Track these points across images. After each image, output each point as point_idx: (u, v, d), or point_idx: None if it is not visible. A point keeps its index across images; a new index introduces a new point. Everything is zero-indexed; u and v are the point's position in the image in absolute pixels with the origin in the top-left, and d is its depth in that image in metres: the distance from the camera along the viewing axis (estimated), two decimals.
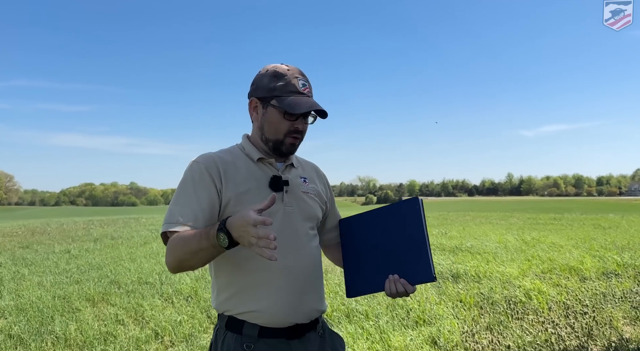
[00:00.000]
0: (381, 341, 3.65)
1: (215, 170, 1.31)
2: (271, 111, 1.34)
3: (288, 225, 1.33)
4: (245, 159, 1.38)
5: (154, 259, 7.97)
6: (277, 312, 1.30)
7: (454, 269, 6.25)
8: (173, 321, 4.22)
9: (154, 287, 5.69)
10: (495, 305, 4.59)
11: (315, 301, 1.38)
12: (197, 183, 1.29)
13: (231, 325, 1.32)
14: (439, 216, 20.91)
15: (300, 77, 1.35)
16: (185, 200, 1.28)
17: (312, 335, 1.38)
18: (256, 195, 1.31)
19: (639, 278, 5.67)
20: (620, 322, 3.98)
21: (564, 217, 18.20)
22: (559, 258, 7.16)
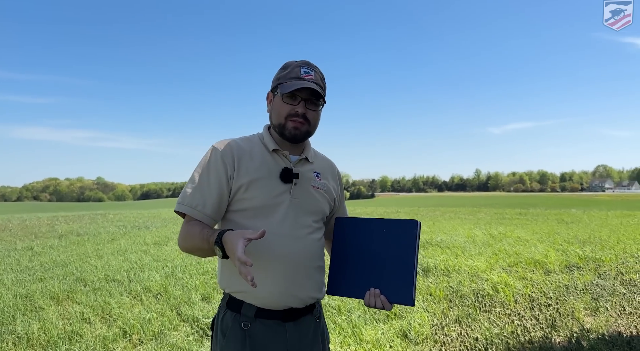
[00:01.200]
0: (353, 335, 3.67)
1: (230, 157, 1.39)
2: (276, 99, 1.44)
3: (291, 216, 1.40)
4: (262, 148, 1.45)
5: (122, 256, 7.78)
6: (272, 295, 1.36)
7: (424, 263, 6.36)
8: (142, 319, 4.13)
9: (122, 284, 5.55)
10: (464, 298, 4.70)
11: (311, 289, 1.43)
12: (211, 169, 1.38)
13: (231, 303, 1.40)
14: (410, 211, 21.22)
15: (305, 66, 1.43)
16: (198, 184, 1.39)
17: (308, 318, 1.45)
18: (267, 184, 1.39)
19: (599, 270, 5.91)
20: (581, 313, 4.14)
21: (529, 212, 18.81)
22: (525, 251, 7.39)
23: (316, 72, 1.45)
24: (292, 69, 1.42)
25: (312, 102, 1.41)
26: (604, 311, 4.21)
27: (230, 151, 1.40)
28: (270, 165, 1.42)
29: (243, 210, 1.39)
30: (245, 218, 1.38)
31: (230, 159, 1.39)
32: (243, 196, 1.38)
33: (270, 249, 1.35)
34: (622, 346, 3.29)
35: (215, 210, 1.38)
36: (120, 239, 10.53)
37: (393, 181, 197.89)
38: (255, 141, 1.48)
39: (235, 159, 1.39)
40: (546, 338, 3.54)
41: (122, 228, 13.16)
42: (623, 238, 8.90)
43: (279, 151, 1.44)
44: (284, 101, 1.40)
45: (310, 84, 1.37)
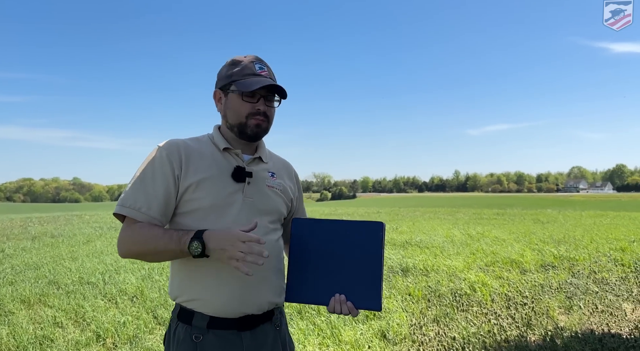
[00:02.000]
0: (332, 336, 3.66)
1: (177, 156, 1.30)
2: (231, 97, 1.36)
3: (244, 217, 1.32)
4: (212, 147, 1.38)
5: (97, 258, 7.60)
6: (226, 301, 1.28)
7: (403, 263, 6.40)
8: (116, 322, 4.04)
9: (97, 287, 5.42)
10: (442, 297, 4.74)
11: (268, 294, 1.36)
12: (156, 169, 1.29)
13: (182, 315, 1.32)
14: (390, 211, 21.38)
15: (257, 61, 1.38)
16: (142, 185, 1.28)
17: (267, 326, 1.37)
18: (217, 182, 1.31)
19: (573, 269, 6.05)
20: (556, 312, 4.22)
21: (507, 212, 19.15)
22: (502, 251, 7.51)
23: (268, 67, 1.41)
24: (245, 66, 1.35)
25: (270, 98, 1.38)
26: (578, 309, 4.30)
27: (177, 149, 1.31)
28: (221, 164, 1.35)
29: (192, 211, 1.29)
30: (194, 219, 1.29)
31: (177, 158, 1.30)
32: (192, 197, 1.29)
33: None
34: (594, 343, 3.36)
35: (162, 212, 1.28)
36: (96, 241, 10.30)
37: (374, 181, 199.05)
38: (204, 140, 1.41)
39: (183, 157, 1.31)
40: (522, 337, 3.60)
41: (99, 230, 12.89)
42: (596, 238, 9.13)
43: (230, 150, 1.38)
44: (243, 99, 1.33)
45: (270, 81, 1.34)
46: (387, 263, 6.59)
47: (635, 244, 7.98)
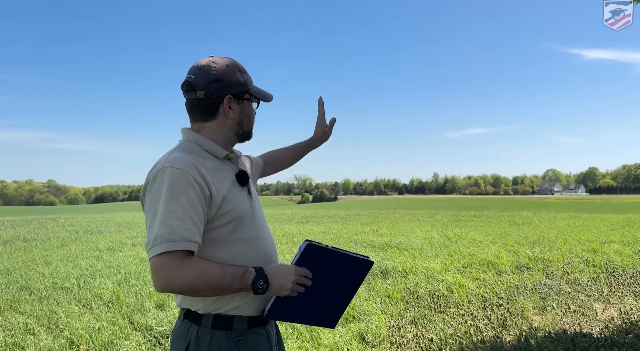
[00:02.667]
0: (311, 339, 3.67)
1: (198, 174, 1.25)
2: (246, 104, 1.41)
3: (258, 217, 1.42)
4: (211, 158, 1.36)
5: (71, 263, 7.43)
6: (262, 299, 1.35)
7: (383, 265, 6.45)
8: (91, 328, 3.95)
9: (71, 292, 5.30)
10: (420, 299, 4.79)
11: None
12: (190, 192, 1.21)
13: (219, 323, 1.31)
14: (371, 214, 21.50)
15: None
16: (182, 212, 1.19)
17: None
18: (235, 192, 1.35)
19: (547, 270, 6.20)
20: (530, 312, 4.32)
21: (484, 214, 19.48)
22: (478, 253, 7.64)
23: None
24: (248, 74, 1.43)
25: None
26: (551, 309, 4.40)
27: (195, 167, 1.26)
28: (227, 172, 1.37)
29: (226, 224, 1.31)
30: (228, 231, 1.31)
31: (199, 176, 1.25)
32: (225, 210, 1.29)
33: (252, 254, 1.35)
34: (566, 343, 3.45)
35: (201, 235, 1.26)
36: (71, 245, 10.07)
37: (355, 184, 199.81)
38: (196, 151, 1.35)
39: (204, 173, 1.27)
40: (497, 338, 3.66)
41: (74, 233, 12.59)
42: (569, 239, 9.37)
43: (227, 155, 1.41)
44: (254, 108, 1.45)
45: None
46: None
47: (606, 246, 8.22)
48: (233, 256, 1.32)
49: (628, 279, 5.56)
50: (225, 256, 1.31)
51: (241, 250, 1.33)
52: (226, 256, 1.31)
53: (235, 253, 1.32)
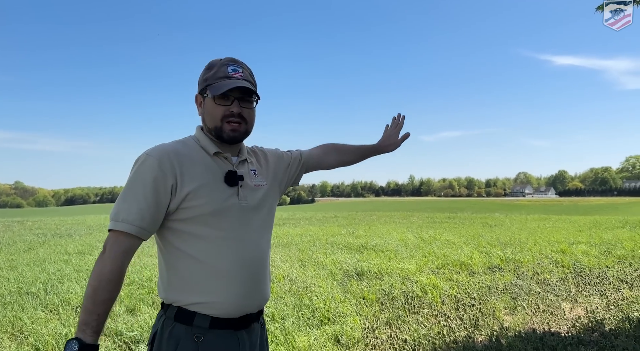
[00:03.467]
0: (286, 342, 3.64)
1: (169, 165, 1.29)
2: (207, 101, 1.38)
3: (243, 219, 1.37)
4: (201, 152, 1.38)
5: (38, 267, 7.18)
6: (232, 302, 1.32)
7: (358, 267, 6.47)
8: (57, 334, 3.82)
9: (37, 298, 5.12)
10: (394, 300, 4.83)
11: (264, 291, 1.43)
12: (147, 179, 1.27)
13: (181, 316, 1.31)
14: (348, 215, 21.58)
15: (232, 63, 1.39)
16: (134, 197, 1.27)
17: (256, 325, 1.43)
18: (214, 189, 1.33)
19: (518, 271, 6.34)
20: (501, 312, 4.40)
21: (457, 216, 19.83)
22: (452, 254, 7.76)
23: (244, 68, 1.42)
24: (218, 68, 1.37)
25: (246, 100, 1.38)
26: (521, 309, 4.50)
27: (168, 157, 1.30)
28: (213, 169, 1.36)
29: (192, 218, 1.31)
30: (195, 225, 1.31)
31: (170, 166, 1.29)
32: (191, 204, 1.29)
33: (226, 255, 1.32)
34: (535, 342, 3.53)
35: (152, 224, 1.29)
36: (39, 248, 9.74)
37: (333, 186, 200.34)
38: (191, 144, 1.40)
39: (176, 165, 1.30)
40: (469, 338, 3.72)
41: (42, 236, 12.20)
42: (539, 241, 9.62)
43: (219, 154, 1.39)
44: (216, 102, 1.35)
45: (240, 82, 1.34)
46: (343, 267, 6.65)
47: (574, 247, 8.48)
48: (203, 253, 1.30)
49: (594, 279, 5.74)
50: (194, 252, 1.31)
51: (212, 248, 1.30)
52: (195, 252, 1.31)
53: (206, 250, 1.31)
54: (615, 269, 6.39)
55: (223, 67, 1.37)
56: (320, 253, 8.08)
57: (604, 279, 5.71)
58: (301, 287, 5.43)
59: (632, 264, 6.72)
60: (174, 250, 1.33)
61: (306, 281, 5.77)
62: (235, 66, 1.39)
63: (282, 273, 6.29)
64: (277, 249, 8.92)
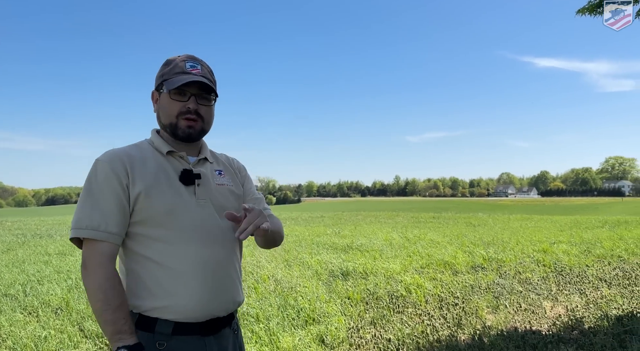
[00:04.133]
0: (270, 343, 3.63)
1: (121, 167, 1.26)
2: (162, 97, 1.35)
3: (202, 218, 1.32)
4: (154, 153, 1.35)
5: (17, 268, 7.04)
6: (195, 305, 1.27)
7: (344, 267, 6.49)
8: (36, 337, 3.74)
9: (16, 300, 5.01)
10: (379, 299, 4.85)
11: (232, 293, 1.37)
12: (103, 184, 1.25)
13: (142, 323, 1.26)
14: (334, 216, 21.64)
15: (190, 60, 1.36)
16: (93, 203, 1.24)
17: (227, 331, 1.37)
18: (166, 189, 1.29)
19: (501, 270, 6.43)
20: (484, 311, 4.46)
21: (442, 216, 20.03)
22: (436, 253, 7.83)
23: (203, 65, 1.38)
24: (176, 64, 1.34)
25: (203, 97, 1.35)
26: (504, 308, 4.57)
27: (119, 160, 1.27)
28: (167, 169, 1.32)
29: (146, 220, 1.27)
30: (149, 227, 1.26)
31: (122, 168, 1.26)
32: (143, 205, 1.26)
33: (185, 256, 1.26)
34: (517, 340, 3.58)
35: (120, 226, 1.25)
36: (18, 249, 9.55)
37: (319, 186, 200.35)
38: (144, 146, 1.37)
39: (127, 166, 1.27)
40: (452, 336, 3.76)
41: (21, 237, 11.96)
42: (521, 240, 9.77)
43: (174, 153, 1.35)
44: (172, 98, 1.31)
45: (198, 78, 1.31)
46: (328, 267, 6.66)
47: (555, 246, 8.63)
48: (160, 255, 1.26)
49: (574, 278, 5.85)
50: (151, 255, 1.26)
51: (170, 249, 1.26)
52: (152, 254, 1.26)
53: (163, 251, 1.26)
54: (595, 268, 6.52)
55: (181, 63, 1.34)
56: (305, 253, 8.08)
57: (583, 278, 5.83)
58: (286, 287, 5.41)
59: (610, 263, 6.87)
60: (131, 254, 1.29)
61: (291, 281, 5.76)
62: (193, 63, 1.36)
63: (267, 273, 6.27)
64: (262, 249, 8.88)
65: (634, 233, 11.19)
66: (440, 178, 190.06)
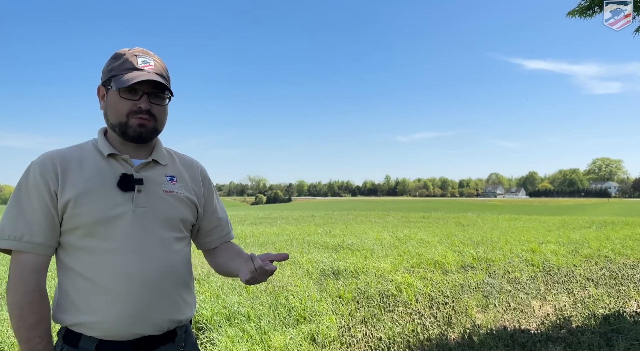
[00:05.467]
0: (261, 342, 3.62)
1: (52, 171, 1.18)
2: (110, 94, 1.24)
3: (137, 228, 1.21)
4: (95, 155, 1.25)
5: (5, 266, 6.94)
6: (117, 323, 1.17)
7: (335, 266, 6.50)
8: None
9: (4, 298, 4.94)
10: (370, 298, 4.87)
11: (168, 311, 1.24)
12: (31, 190, 1.17)
13: (68, 337, 1.20)
14: (325, 215, 21.67)
15: (142, 55, 1.26)
16: (18, 211, 1.17)
17: (169, 348, 1.27)
18: (100, 195, 1.18)
19: (490, 270, 6.48)
20: (474, 310, 4.49)
21: (432, 216, 20.16)
22: (426, 253, 7.88)
23: (156, 61, 1.27)
24: (126, 59, 1.23)
25: (157, 95, 1.24)
26: (493, 307, 4.61)
27: (51, 163, 1.19)
28: (104, 172, 1.22)
29: (75, 229, 1.17)
30: (78, 238, 1.18)
31: (53, 173, 1.17)
32: (73, 212, 1.16)
33: (111, 269, 1.17)
34: (506, 339, 3.62)
35: (46, 236, 1.17)
36: None
37: (310, 185, 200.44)
38: (87, 147, 1.27)
39: (59, 171, 1.18)
40: (442, 335, 3.79)
41: None
42: (510, 240, 9.87)
43: (116, 156, 1.25)
44: (121, 96, 1.21)
45: (152, 76, 1.21)
46: (319, 266, 6.66)
47: (543, 246, 8.73)
48: (86, 267, 1.18)
49: (562, 278, 5.93)
50: (78, 267, 1.18)
51: (96, 261, 1.17)
52: (79, 266, 1.18)
53: (89, 264, 1.18)
54: (582, 267, 6.62)
55: (132, 57, 1.24)
56: (296, 252, 8.07)
57: (571, 278, 5.90)
58: (277, 286, 5.41)
59: (597, 263, 6.98)
60: (61, 265, 1.21)
61: (282, 280, 5.76)
62: (145, 58, 1.25)
63: None
64: (253, 248, 8.87)
65: (621, 233, 11.37)
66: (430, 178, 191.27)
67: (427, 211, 28.70)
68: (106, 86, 1.25)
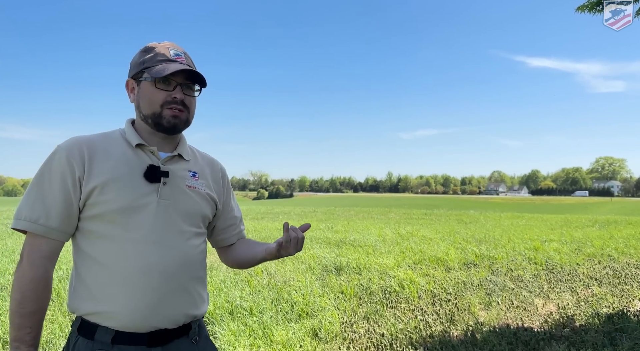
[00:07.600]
0: (264, 336, 3.62)
1: (78, 156, 1.17)
2: (143, 85, 1.25)
3: (160, 220, 1.21)
4: (122, 144, 1.25)
5: (8, 258, 6.96)
6: (133, 314, 1.16)
7: (337, 262, 6.49)
8: None
9: (6, 289, 4.96)
10: (372, 295, 4.86)
11: (185, 305, 1.24)
12: (54, 174, 1.16)
13: (83, 329, 1.18)
14: (326, 211, 21.66)
15: (173, 48, 1.28)
16: (38, 193, 1.16)
17: (183, 341, 1.26)
18: (127, 183, 1.19)
19: (493, 267, 6.47)
20: (476, 307, 4.48)
21: (434, 213, 20.14)
22: (429, 250, 7.87)
23: (186, 54, 1.31)
24: (158, 51, 1.25)
25: (189, 87, 1.27)
26: (496, 305, 4.60)
27: (78, 149, 1.18)
28: (132, 162, 1.22)
29: (99, 216, 1.17)
30: (102, 224, 1.17)
31: (79, 158, 1.17)
32: (98, 200, 1.16)
33: (132, 259, 1.16)
34: (509, 337, 3.61)
35: (62, 222, 1.17)
36: (7, 239, 9.45)
37: (311, 181, 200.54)
38: (115, 136, 1.27)
39: (86, 157, 1.18)
40: (445, 332, 3.78)
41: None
42: (513, 238, 9.84)
43: (144, 147, 1.25)
44: (157, 86, 1.22)
45: (185, 66, 1.23)
46: (321, 262, 6.66)
47: (546, 244, 8.71)
48: (107, 255, 1.17)
49: (565, 276, 5.90)
50: (98, 255, 1.18)
51: (117, 250, 1.16)
52: (99, 254, 1.18)
53: (110, 252, 1.17)
54: (586, 266, 6.59)
55: (165, 49, 1.26)
56: None
57: (574, 276, 5.88)
58: (280, 281, 5.41)
59: (601, 262, 6.95)
60: (80, 253, 1.20)
61: (285, 275, 5.76)
62: (177, 51, 1.28)
63: (261, 267, 6.25)
64: None
65: (624, 232, 11.33)
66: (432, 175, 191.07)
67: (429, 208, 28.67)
68: (137, 78, 1.27)
